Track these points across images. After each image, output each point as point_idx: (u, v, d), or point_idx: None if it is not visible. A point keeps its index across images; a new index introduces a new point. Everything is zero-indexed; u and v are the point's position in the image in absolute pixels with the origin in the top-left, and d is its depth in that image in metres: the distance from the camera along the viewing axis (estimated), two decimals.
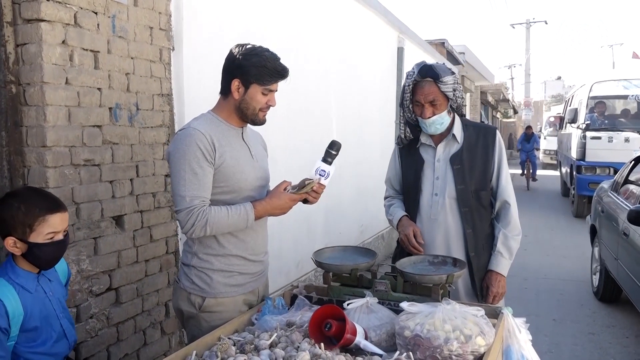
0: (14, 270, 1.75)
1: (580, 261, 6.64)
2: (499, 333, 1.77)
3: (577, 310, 4.93)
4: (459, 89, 2.35)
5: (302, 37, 4.52)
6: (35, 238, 1.72)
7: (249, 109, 1.98)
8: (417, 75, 2.33)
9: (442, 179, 2.40)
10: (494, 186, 2.43)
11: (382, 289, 2.04)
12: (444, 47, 12.35)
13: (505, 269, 2.40)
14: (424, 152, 2.47)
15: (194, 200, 1.87)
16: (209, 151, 1.89)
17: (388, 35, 7.10)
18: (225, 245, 1.99)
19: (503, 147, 2.44)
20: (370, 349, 1.70)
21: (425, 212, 2.44)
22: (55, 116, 2.28)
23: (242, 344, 1.66)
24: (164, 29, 2.90)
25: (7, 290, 1.69)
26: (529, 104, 30.49)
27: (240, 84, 1.95)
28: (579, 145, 9.42)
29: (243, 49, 1.95)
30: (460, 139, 2.41)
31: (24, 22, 2.24)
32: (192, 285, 2.01)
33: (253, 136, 2.17)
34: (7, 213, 1.70)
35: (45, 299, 1.82)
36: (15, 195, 1.75)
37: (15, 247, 1.72)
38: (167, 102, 2.95)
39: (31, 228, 1.71)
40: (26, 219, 1.70)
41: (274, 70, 1.94)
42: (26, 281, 1.76)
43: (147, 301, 2.86)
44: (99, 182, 2.52)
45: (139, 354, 2.83)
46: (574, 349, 4.05)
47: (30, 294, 1.75)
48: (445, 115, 2.34)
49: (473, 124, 2.51)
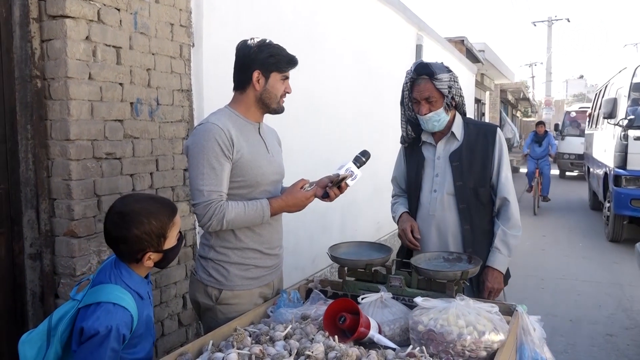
0: (130, 276, 1.65)
1: (598, 262, 6.56)
2: (513, 330, 1.77)
3: (594, 311, 4.88)
4: (455, 87, 2.38)
5: (320, 34, 4.53)
6: (169, 244, 1.68)
7: (271, 98, 2.04)
8: (413, 73, 2.40)
9: (441, 176, 2.44)
10: (494, 183, 2.44)
11: (397, 284, 2.06)
12: (464, 44, 12.26)
13: (502, 265, 2.39)
14: (425, 150, 2.52)
15: (211, 195, 1.90)
16: (227, 146, 1.92)
17: (406, 32, 7.08)
18: (242, 238, 2.02)
19: (504, 145, 2.45)
20: (384, 343, 1.72)
21: (425, 208, 2.48)
22: (78, 110, 2.34)
23: (258, 335, 1.69)
24: (184, 26, 2.94)
25: (129, 299, 1.59)
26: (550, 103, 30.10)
27: (261, 75, 2.00)
28: (618, 149, 7.14)
29: (255, 42, 2.01)
30: (460, 137, 2.44)
31: (49, 18, 2.30)
32: (209, 277, 2.04)
33: (269, 131, 2.21)
34: (141, 231, 1.60)
35: (150, 304, 1.76)
36: (136, 212, 1.61)
37: (149, 259, 1.65)
38: (186, 97, 3.00)
39: (165, 236, 1.66)
40: (161, 230, 1.64)
41: (287, 57, 2.03)
42: (141, 287, 1.68)
43: (164, 293, 2.92)
44: (120, 175, 2.57)
45: (156, 344, 2.89)
46: (591, 350, 4.02)
47: (142, 300, 1.67)
48: (441, 112, 2.37)
49: (474, 122, 2.54)
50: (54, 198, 2.39)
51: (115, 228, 1.62)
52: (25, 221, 2.36)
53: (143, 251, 1.63)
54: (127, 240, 1.61)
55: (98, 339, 1.49)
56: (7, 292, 2.34)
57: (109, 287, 1.59)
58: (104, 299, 1.55)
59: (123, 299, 1.57)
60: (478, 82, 15.37)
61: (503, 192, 2.42)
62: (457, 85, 2.41)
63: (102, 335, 1.49)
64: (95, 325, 1.50)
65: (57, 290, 2.43)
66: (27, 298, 2.40)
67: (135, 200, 1.67)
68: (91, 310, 1.54)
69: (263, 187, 2.04)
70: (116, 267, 1.66)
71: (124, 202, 1.67)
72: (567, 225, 9.09)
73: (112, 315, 1.52)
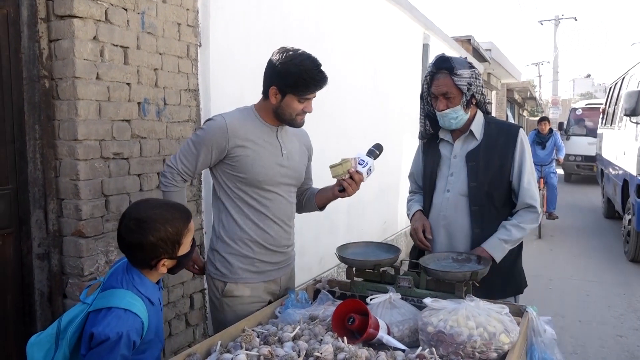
0: (142, 282, 1.63)
1: (607, 262, 6.51)
2: (523, 331, 1.76)
3: (604, 312, 4.84)
4: (476, 84, 2.28)
5: (327, 33, 4.52)
6: (183, 250, 1.67)
7: (285, 115, 2.04)
8: (433, 67, 2.31)
9: (456, 176, 2.35)
10: (515, 188, 2.32)
11: (406, 284, 2.05)
12: (470, 43, 12.22)
13: (495, 250, 2.23)
14: (442, 148, 2.44)
15: (177, 167, 2.06)
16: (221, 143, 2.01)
17: (413, 31, 7.05)
18: (247, 230, 2.06)
19: (526, 147, 2.34)
20: (393, 344, 1.70)
21: (436, 208, 2.41)
22: (86, 110, 2.34)
23: (266, 336, 1.68)
24: (191, 25, 2.94)
25: (140, 305, 1.57)
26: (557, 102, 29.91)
27: (277, 91, 2.00)
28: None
29: (283, 57, 1.96)
30: (480, 136, 2.34)
31: (57, 18, 2.30)
32: (216, 270, 2.10)
33: (294, 136, 2.21)
34: (157, 238, 1.59)
35: (160, 310, 1.73)
36: (152, 219, 1.60)
37: (163, 266, 1.64)
38: (193, 97, 3.00)
39: (180, 243, 1.64)
40: (176, 237, 1.62)
41: (310, 82, 1.96)
42: (152, 293, 1.66)
43: (172, 293, 2.91)
44: (127, 175, 2.57)
45: (164, 344, 2.88)
46: (600, 351, 3.98)
47: (152, 306, 1.65)
48: (459, 109, 2.28)
49: (497, 121, 2.44)
50: (62, 198, 2.40)
51: (131, 234, 1.59)
52: (34, 221, 2.36)
53: (157, 258, 1.62)
54: (143, 247, 1.59)
55: (108, 344, 1.47)
56: (16, 292, 2.35)
57: (121, 292, 1.57)
58: (115, 304, 1.53)
59: (134, 305, 1.55)
60: (485, 82, 15.29)
61: (526, 198, 2.29)
62: (479, 82, 2.31)
63: (112, 341, 1.47)
64: (106, 331, 1.48)
65: (65, 290, 2.44)
66: (35, 298, 2.40)
67: (150, 207, 1.65)
68: (102, 316, 1.52)
69: (268, 187, 2.07)
70: (128, 272, 1.63)
71: (139, 208, 1.64)
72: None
73: (123, 321, 1.51)
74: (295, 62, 1.94)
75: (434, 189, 2.43)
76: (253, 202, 2.06)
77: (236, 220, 2.06)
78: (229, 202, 2.07)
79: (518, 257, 2.43)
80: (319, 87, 1.99)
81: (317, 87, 1.99)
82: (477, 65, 12.53)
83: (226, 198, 2.07)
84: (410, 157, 2.78)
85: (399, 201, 6.62)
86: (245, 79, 3.20)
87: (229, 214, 2.07)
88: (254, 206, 2.06)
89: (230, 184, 2.06)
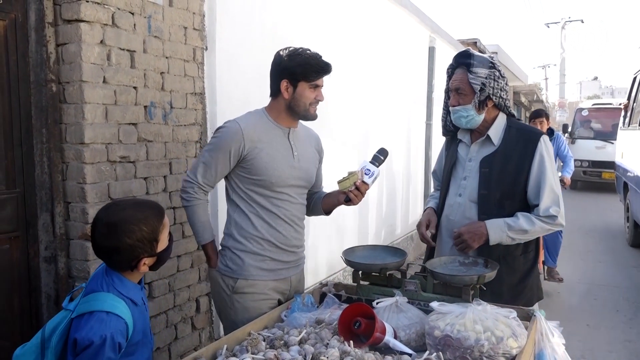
0: (123, 283, 1.62)
1: (615, 266, 6.46)
2: (531, 335, 1.74)
3: (612, 316, 4.80)
4: (493, 86, 2.19)
5: (332, 37, 4.52)
6: (161, 246, 1.66)
7: (299, 106, 2.09)
8: (454, 60, 2.30)
9: (469, 180, 2.28)
10: (532, 201, 2.18)
11: (412, 288, 2.04)
12: (476, 46, 12.20)
13: (493, 229, 2.13)
14: (460, 149, 2.38)
15: (197, 181, 2.08)
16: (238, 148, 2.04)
17: (419, 34, 7.04)
18: (260, 229, 2.10)
19: (546, 156, 2.19)
20: (400, 348, 1.69)
21: (448, 211, 2.36)
22: (93, 114, 2.34)
23: (272, 340, 1.68)
24: (197, 29, 2.95)
25: (122, 307, 1.56)
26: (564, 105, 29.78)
27: (289, 84, 2.07)
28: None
29: (287, 52, 2.09)
30: (497, 141, 2.25)
31: (64, 22, 2.31)
32: (226, 267, 2.13)
33: (306, 138, 2.26)
34: (133, 239, 1.57)
35: (145, 311, 1.72)
36: (124, 221, 1.58)
37: (144, 265, 1.63)
38: (199, 100, 3.00)
39: (157, 240, 1.64)
40: (152, 235, 1.62)
41: (317, 67, 2.06)
42: (134, 294, 1.65)
43: (178, 296, 2.91)
44: (133, 178, 2.58)
45: (170, 348, 2.88)
46: (609, 356, 3.95)
47: (136, 307, 1.64)
48: (470, 108, 2.21)
49: (519, 126, 2.30)
50: (69, 201, 2.40)
51: (106, 240, 1.57)
52: (41, 224, 2.37)
53: (137, 258, 1.61)
54: (120, 251, 1.57)
55: (93, 349, 1.46)
56: (23, 295, 2.36)
57: (102, 295, 1.56)
58: (97, 307, 1.52)
59: (116, 307, 1.54)
60: None
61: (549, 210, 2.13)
62: (498, 84, 2.20)
63: (97, 345, 1.46)
64: (89, 335, 1.47)
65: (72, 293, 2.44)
66: (42, 301, 2.41)
67: (121, 209, 1.61)
68: (84, 321, 1.51)
69: (281, 189, 2.11)
70: (108, 275, 1.62)
71: (110, 211, 1.61)
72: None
73: (105, 324, 1.49)
74: (300, 53, 2.07)
75: (448, 191, 2.38)
76: (265, 202, 2.10)
77: (250, 218, 2.11)
78: (242, 202, 2.12)
79: (529, 274, 2.30)
80: (326, 71, 2.09)
81: (325, 71, 2.09)
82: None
83: (239, 199, 2.12)
84: (416, 159, 2.78)
85: (405, 205, 6.60)
86: (250, 81, 3.21)
87: (243, 212, 2.12)
88: (265, 206, 2.11)
89: (242, 186, 2.11)
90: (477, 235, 2.16)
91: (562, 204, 2.20)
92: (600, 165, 12.35)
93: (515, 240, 2.18)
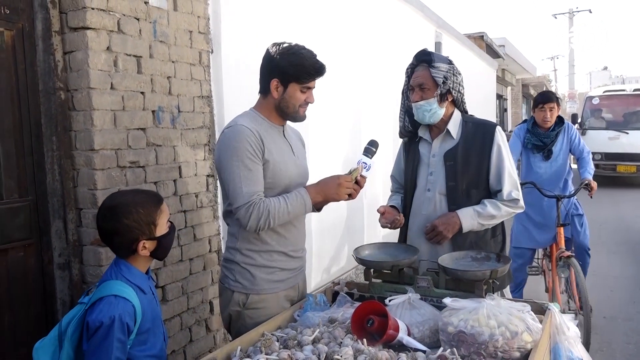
0: (130, 271, 1.72)
1: (630, 257, 6.38)
2: (546, 329, 1.73)
3: (629, 307, 4.75)
4: (453, 80, 2.31)
5: (338, 35, 4.52)
6: (160, 231, 1.75)
7: (288, 107, 2.01)
8: (414, 60, 2.37)
9: (435, 175, 2.38)
10: (494, 188, 2.33)
11: (425, 285, 2.03)
12: (483, 40, 12.13)
13: (465, 217, 2.26)
14: (422, 147, 2.47)
15: (252, 196, 1.91)
16: (258, 146, 1.94)
17: (425, 29, 7.02)
18: (268, 241, 2.03)
19: (502, 145, 2.34)
20: (414, 345, 1.69)
21: (417, 207, 2.43)
22: (101, 120, 2.36)
23: (285, 340, 1.68)
24: (202, 32, 2.96)
25: (129, 291, 1.66)
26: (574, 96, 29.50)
27: (279, 84, 1.98)
28: None
29: (280, 49, 1.98)
30: (456, 135, 2.36)
31: (70, 30, 2.33)
32: (236, 283, 2.05)
33: (293, 133, 2.21)
34: (130, 220, 1.68)
35: (153, 299, 1.80)
36: (123, 204, 1.70)
37: (144, 248, 1.72)
38: (207, 103, 3.01)
39: (155, 224, 1.73)
40: (149, 217, 1.71)
41: (311, 69, 1.96)
42: (142, 282, 1.74)
43: (192, 299, 2.93)
44: (143, 183, 2.59)
45: (185, 350, 2.90)
46: (627, 348, 3.90)
47: (144, 294, 1.73)
48: (433, 102, 2.30)
49: (474, 120, 2.44)
50: (81, 208, 2.42)
51: (106, 222, 1.71)
52: (54, 231, 2.39)
53: (136, 240, 1.71)
54: (119, 231, 1.69)
55: (103, 330, 1.56)
56: (38, 302, 2.38)
57: (110, 282, 1.68)
58: (105, 293, 1.63)
59: (123, 291, 1.64)
60: (499, 78, 15.17)
61: (512, 194, 2.30)
62: (457, 79, 2.33)
63: (106, 326, 1.56)
64: (99, 317, 1.58)
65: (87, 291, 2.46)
66: (58, 307, 2.43)
67: (121, 194, 1.80)
68: (95, 306, 1.61)
69: (288, 189, 2.04)
70: (116, 265, 1.74)
71: (112, 197, 1.78)
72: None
73: (113, 306, 1.60)
74: (294, 52, 1.96)
75: (415, 188, 2.45)
76: None
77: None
78: None
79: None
80: (319, 73, 1.99)
81: (318, 74, 1.99)
82: (490, 62, 12.43)
83: None
84: None
85: None
86: (257, 83, 3.21)
87: None
88: None
89: None
90: (450, 225, 2.27)
91: (520, 187, 2.36)
92: (614, 158, 11.51)
93: (484, 225, 2.32)
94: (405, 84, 2.44)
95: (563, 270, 3.77)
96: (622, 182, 11.87)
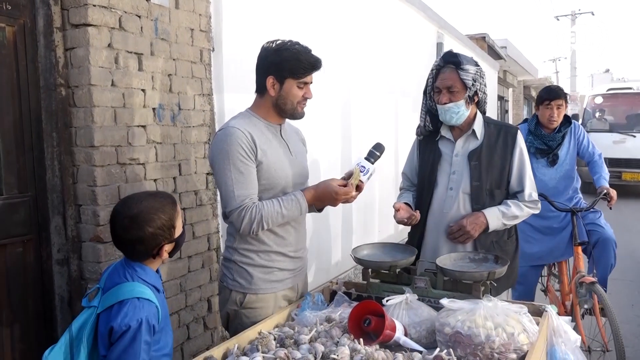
0: (145, 272, 1.70)
1: (628, 259, 6.38)
2: (543, 331, 1.73)
3: (627, 310, 4.75)
4: (480, 82, 2.33)
5: (340, 36, 4.52)
6: (178, 232, 1.74)
7: (286, 104, 2.00)
8: (440, 61, 2.36)
9: (459, 174, 2.38)
10: (515, 189, 2.38)
11: (422, 285, 2.03)
12: (485, 41, 12.12)
13: (491, 217, 2.29)
14: (442, 145, 2.45)
15: (244, 200, 1.90)
16: (251, 148, 1.92)
17: (427, 30, 7.02)
18: (266, 241, 2.02)
19: (524, 148, 2.41)
20: (410, 345, 1.69)
21: (438, 205, 2.42)
22: (102, 117, 2.36)
23: (283, 339, 1.68)
24: (204, 31, 2.96)
25: (150, 293, 1.64)
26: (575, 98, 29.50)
27: (275, 80, 1.97)
28: None
29: (274, 46, 1.97)
30: (480, 136, 2.38)
31: (72, 27, 2.33)
32: (234, 282, 2.05)
33: (292, 132, 2.19)
34: (155, 228, 1.65)
35: (164, 299, 1.79)
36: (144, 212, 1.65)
37: (165, 252, 1.72)
38: (207, 101, 3.02)
39: (174, 226, 1.72)
40: (170, 221, 1.70)
41: (307, 63, 1.95)
42: (156, 281, 1.73)
43: (190, 296, 2.93)
44: (143, 180, 2.60)
45: (182, 348, 2.90)
46: (625, 351, 3.90)
47: (159, 293, 1.72)
48: (462, 104, 2.30)
49: (495, 122, 2.48)
50: (80, 204, 2.43)
51: (129, 232, 1.65)
52: (53, 227, 2.40)
53: (159, 245, 1.69)
54: (144, 240, 1.65)
55: (131, 333, 1.54)
56: (36, 297, 2.38)
57: (128, 285, 1.63)
58: (126, 296, 1.59)
59: (145, 293, 1.62)
60: (501, 79, 15.16)
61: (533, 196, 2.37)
62: (483, 81, 2.36)
63: (134, 329, 1.54)
64: (125, 321, 1.54)
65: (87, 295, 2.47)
66: (56, 303, 2.44)
67: (138, 201, 1.70)
68: (116, 310, 1.57)
69: (286, 190, 2.03)
70: (128, 267, 1.69)
71: (129, 205, 1.69)
72: None
73: (139, 309, 1.57)
74: (288, 47, 1.95)
75: (435, 186, 2.43)
76: None
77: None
78: None
79: (515, 256, 2.49)
80: (315, 67, 1.98)
81: (314, 68, 1.97)
82: (492, 63, 12.42)
83: None
84: None
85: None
86: None
87: None
88: None
89: None
90: (478, 225, 2.30)
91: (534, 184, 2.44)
92: (619, 164, 9.89)
93: (507, 225, 2.37)
94: (429, 84, 2.43)
95: (586, 300, 3.13)
96: (628, 191, 10.32)
